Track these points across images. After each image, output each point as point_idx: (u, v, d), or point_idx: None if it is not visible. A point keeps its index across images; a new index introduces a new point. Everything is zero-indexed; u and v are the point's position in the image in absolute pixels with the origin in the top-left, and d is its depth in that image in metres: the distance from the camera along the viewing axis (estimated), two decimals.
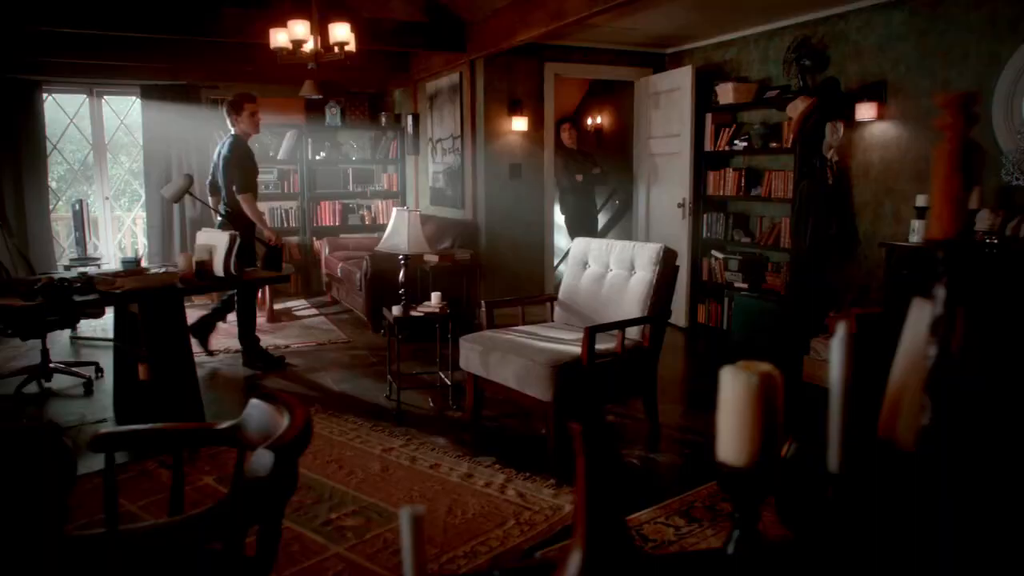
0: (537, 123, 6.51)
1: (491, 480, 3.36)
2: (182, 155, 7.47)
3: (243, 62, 6.81)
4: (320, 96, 7.82)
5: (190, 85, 7.44)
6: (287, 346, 5.86)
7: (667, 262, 3.75)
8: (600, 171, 6.87)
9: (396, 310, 4.29)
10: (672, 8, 5.34)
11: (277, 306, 7.25)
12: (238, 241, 4.00)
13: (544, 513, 3.04)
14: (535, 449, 3.69)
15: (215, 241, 4.00)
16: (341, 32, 4.72)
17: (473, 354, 3.84)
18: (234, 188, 5.04)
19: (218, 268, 3.96)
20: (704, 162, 6.28)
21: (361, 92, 8.27)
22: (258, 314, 6.95)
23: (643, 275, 3.77)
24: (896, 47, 4.92)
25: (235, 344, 5.86)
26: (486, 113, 6.37)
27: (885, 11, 4.98)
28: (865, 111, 5.02)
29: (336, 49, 4.77)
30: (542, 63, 6.46)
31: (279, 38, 4.71)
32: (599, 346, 3.55)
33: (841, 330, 0.89)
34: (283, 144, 7.81)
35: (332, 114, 7.94)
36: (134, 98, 7.41)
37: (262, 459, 1.44)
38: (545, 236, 6.65)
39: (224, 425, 1.81)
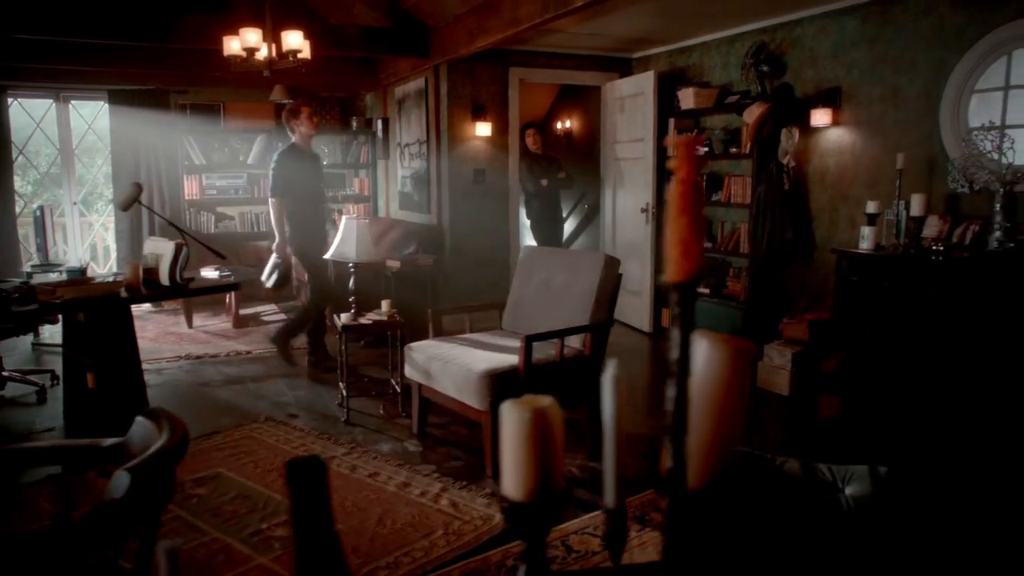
0: (502, 128, 6.52)
1: (427, 489, 3.37)
2: (151, 160, 7.47)
3: (212, 67, 6.79)
4: (290, 100, 7.84)
5: (159, 90, 7.44)
6: (248, 352, 5.87)
7: (609, 271, 3.76)
8: (565, 175, 6.88)
9: (345, 317, 4.29)
10: (633, 13, 5.34)
11: (246, 311, 7.25)
12: (184, 250, 4.00)
13: (474, 523, 3.05)
14: (476, 459, 3.70)
15: (161, 250, 4.01)
16: (294, 40, 4.72)
17: (417, 362, 3.85)
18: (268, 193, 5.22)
19: (164, 277, 3.96)
20: (667, 167, 6.29)
21: (332, 97, 8.28)
22: (223, 319, 7.00)
23: (586, 284, 3.79)
24: (849, 54, 4.94)
25: (196, 350, 5.87)
26: (450, 118, 6.38)
27: (839, 18, 5.00)
28: (820, 117, 5.04)
29: (290, 57, 4.78)
30: (506, 68, 6.47)
31: (232, 46, 4.73)
32: (539, 355, 3.56)
33: (610, 369, 0.90)
34: (253, 149, 7.81)
35: None
36: (102, 102, 7.39)
37: (119, 480, 1.46)
38: (511, 241, 6.65)
39: (110, 443, 1.83)
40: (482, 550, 2.84)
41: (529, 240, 7.45)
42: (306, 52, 4.82)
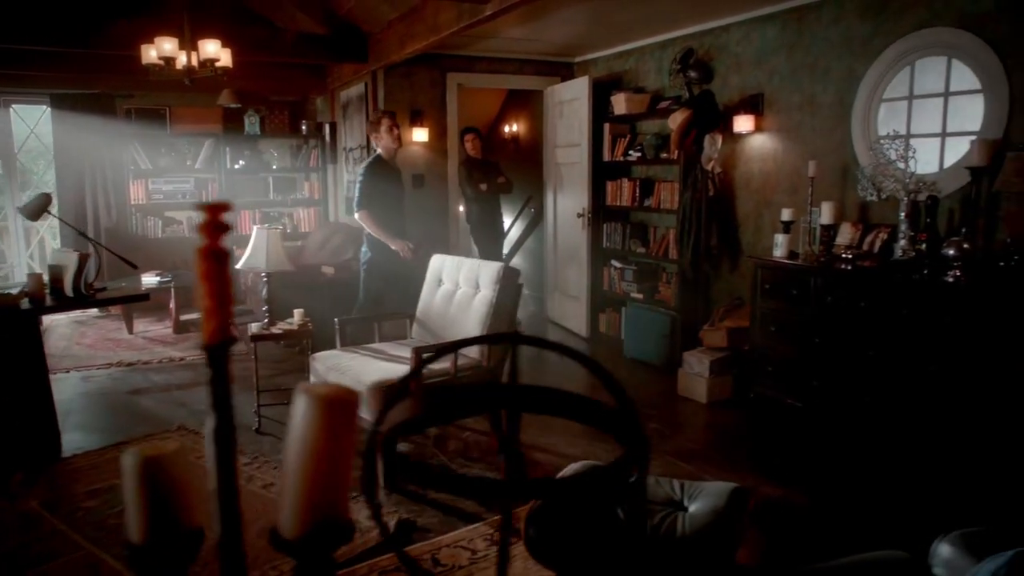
0: (440, 133, 6.52)
1: None
2: (96, 165, 7.43)
3: (147, 72, 6.76)
4: (239, 105, 7.82)
5: (104, 94, 7.40)
6: (182, 358, 5.85)
7: (507, 281, 3.77)
8: (505, 180, 6.86)
9: (255, 327, 4.29)
10: (561, 19, 5.33)
11: (190, 316, 7.23)
12: (89, 260, 4.00)
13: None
14: (371, 471, 3.69)
15: (65, 260, 4.00)
16: (212, 48, 4.71)
17: (319, 372, 3.86)
18: (354, 206, 5.02)
19: (68, 287, 3.95)
20: (603, 172, 6.30)
21: (281, 100, 8.25)
22: (165, 325, 6.98)
23: (485, 294, 3.80)
24: (770, 60, 4.96)
25: (129, 357, 5.86)
26: None
27: (761, 24, 5.02)
28: (743, 123, 5.06)
29: (209, 65, 4.77)
30: (444, 73, 6.47)
31: (150, 54, 4.71)
32: (438, 365, 3.57)
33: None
34: (200, 153, 7.78)
35: (251, 123, 7.91)
36: (44, 107, 7.35)
37: None
38: (450, 245, 6.65)
39: None
40: (352, 563, 2.85)
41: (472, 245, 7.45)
42: (225, 60, 4.81)
